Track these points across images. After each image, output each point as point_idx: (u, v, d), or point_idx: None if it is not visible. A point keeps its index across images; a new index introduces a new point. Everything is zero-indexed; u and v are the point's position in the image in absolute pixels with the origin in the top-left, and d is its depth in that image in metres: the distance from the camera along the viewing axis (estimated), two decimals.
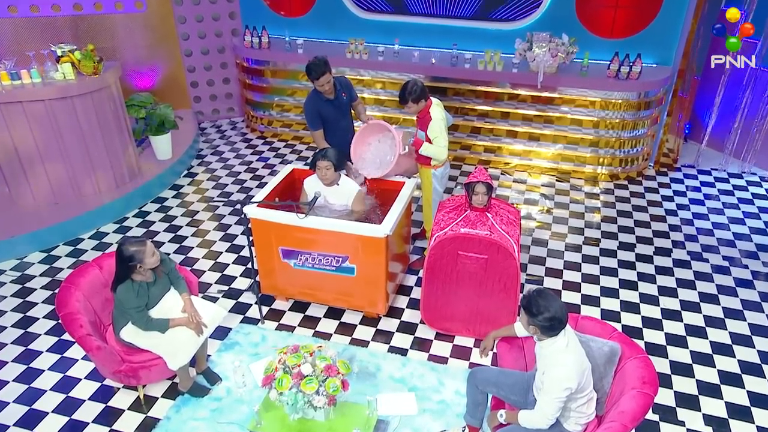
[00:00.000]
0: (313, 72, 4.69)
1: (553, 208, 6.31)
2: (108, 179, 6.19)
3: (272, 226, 4.51)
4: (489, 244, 4.05)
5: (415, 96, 4.53)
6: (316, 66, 4.66)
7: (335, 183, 4.56)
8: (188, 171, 7.24)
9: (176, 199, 6.60)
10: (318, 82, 4.73)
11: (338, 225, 4.32)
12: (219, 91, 8.55)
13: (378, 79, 7.26)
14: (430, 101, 4.66)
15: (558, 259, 5.47)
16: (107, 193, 6.19)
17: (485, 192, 4.19)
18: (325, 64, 4.69)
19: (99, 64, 5.69)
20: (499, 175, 7.00)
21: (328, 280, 4.62)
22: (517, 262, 4.05)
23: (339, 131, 4.98)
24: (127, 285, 3.60)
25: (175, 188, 6.84)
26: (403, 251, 5.15)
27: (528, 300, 2.98)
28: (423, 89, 4.53)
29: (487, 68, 6.73)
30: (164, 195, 6.68)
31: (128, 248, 3.56)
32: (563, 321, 2.94)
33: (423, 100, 4.57)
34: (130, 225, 6.08)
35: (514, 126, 6.98)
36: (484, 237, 4.04)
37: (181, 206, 6.46)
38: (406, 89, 4.53)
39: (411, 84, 4.52)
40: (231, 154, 7.69)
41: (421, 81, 4.57)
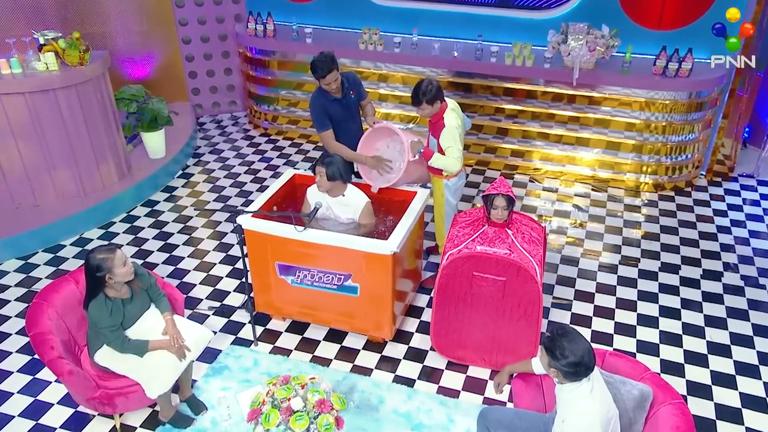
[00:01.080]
0: (318, 69, 4.68)
1: (587, 222, 6.23)
2: (94, 180, 6.25)
3: (268, 239, 4.51)
4: (508, 265, 4.00)
5: (429, 97, 4.50)
6: (322, 63, 4.66)
7: (341, 194, 4.55)
8: (183, 171, 7.30)
9: (168, 203, 6.64)
10: (324, 80, 4.73)
11: (340, 240, 4.30)
12: (220, 83, 8.61)
13: (394, 72, 7.24)
14: (445, 104, 4.63)
15: (590, 280, 5.39)
16: (92, 196, 6.25)
17: (505, 206, 4.14)
18: (332, 61, 4.68)
19: (85, 54, 5.75)
20: (527, 182, 6.94)
21: (329, 300, 4.61)
22: (539, 287, 3.99)
23: (348, 134, 4.97)
24: (99, 301, 3.62)
25: (168, 190, 6.89)
26: (415, 267, 5.12)
27: (551, 340, 2.92)
28: (439, 90, 4.50)
29: (516, 63, 6.67)
30: (155, 198, 6.74)
31: (95, 256, 3.56)
32: (590, 367, 2.89)
33: (438, 101, 4.54)
34: (117, 231, 6.14)
35: (546, 128, 6.90)
36: (502, 257, 3.99)
37: (173, 210, 6.51)
38: (420, 89, 4.51)
39: (426, 83, 4.50)
40: (231, 153, 7.73)
41: (437, 81, 4.53)
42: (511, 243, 4.12)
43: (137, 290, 3.81)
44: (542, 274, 4.17)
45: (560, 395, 3.02)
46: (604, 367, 3.55)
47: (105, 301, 3.64)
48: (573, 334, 2.90)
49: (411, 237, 4.68)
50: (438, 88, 4.51)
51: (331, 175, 4.42)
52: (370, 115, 5.03)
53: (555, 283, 5.34)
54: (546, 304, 5.07)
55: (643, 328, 4.87)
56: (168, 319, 3.83)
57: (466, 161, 7.25)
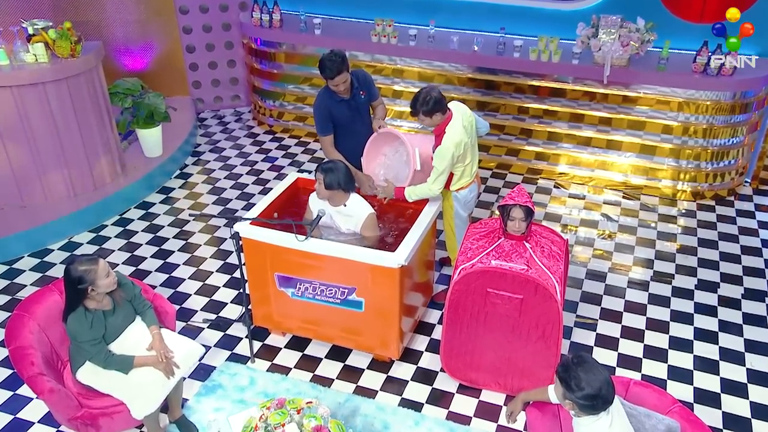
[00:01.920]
0: (327, 70, 4.70)
1: (617, 233, 6.19)
2: (85, 180, 6.33)
3: (267, 248, 4.53)
4: (525, 282, 3.98)
5: (427, 108, 4.48)
6: (332, 63, 4.67)
7: (342, 203, 4.56)
8: (181, 171, 7.35)
9: (164, 205, 6.70)
10: (333, 81, 4.75)
11: (344, 251, 4.32)
12: (222, 76, 8.67)
13: (409, 67, 7.25)
14: (449, 115, 4.60)
15: (618, 298, 5.35)
16: (83, 197, 6.32)
17: (523, 218, 4.12)
18: (343, 61, 4.70)
19: (77, 45, 5.82)
20: (552, 188, 6.91)
21: (332, 315, 4.62)
22: (558, 305, 3.97)
23: (354, 136, 4.99)
24: (78, 314, 3.65)
25: (164, 191, 6.95)
26: (426, 280, 5.12)
27: (566, 370, 2.91)
28: (438, 101, 4.47)
29: (542, 58, 6.65)
30: (151, 199, 6.80)
31: (76, 268, 3.60)
32: (608, 401, 2.87)
33: (439, 113, 4.52)
34: (108, 234, 6.20)
35: (574, 129, 6.88)
36: (519, 273, 3.97)
37: (169, 213, 6.56)
38: (418, 99, 4.50)
39: (424, 93, 4.48)
40: (233, 152, 7.78)
41: (438, 90, 4.51)
42: (529, 257, 4.10)
43: (120, 301, 3.84)
44: (563, 292, 4.15)
45: (577, 429, 3.01)
46: (627, 397, 3.52)
47: (85, 313, 3.68)
48: (590, 364, 2.88)
49: (421, 248, 4.68)
50: (437, 99, 4.47)
51: (328, 183, 4.43)
52: (379, 117, 5.04)
53: (579, 300, 5.31)
54: (568, 323, 5.04)
55: (675, 353, 4.82)
56: (155, 333, 3.86)
57: (485, 164, 7.25)
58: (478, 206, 6.54)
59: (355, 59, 7.42)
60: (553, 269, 4.09)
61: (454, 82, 7.16)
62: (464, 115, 4.68)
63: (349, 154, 4.96)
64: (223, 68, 8.62)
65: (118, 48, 7.91)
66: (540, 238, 4.30)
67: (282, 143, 7.96)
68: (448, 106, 4.62)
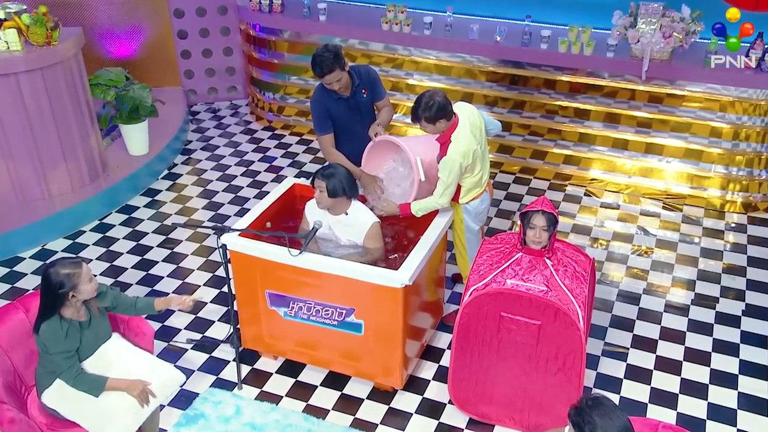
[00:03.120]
0: (317, 67, 4.73)
1: (654, 249, 6.15)
2: (61, 181, 6.39)
3: (257, 263, 4.56)
4: (544, 306, 3.98)
5: (430, 115, 4.47)
6: (323, 59, 4.70)
7: (343, 211, 4.57)
8: (169, 171, 7.41)
9: (149, 209, 6.76)
10: (324, 80, 4.77)
11: (342, 267, 4.33)
12: (218, 65, 8.73)
13: (424, 59, 7.25)
14: (454, 121, 4.59)
15: (653, 323, 5.33)
16: (59, 199, 6.39)
17: (545, 226, 4.13)
18: (336, 58, 4.72)
19: (53, 32, 5.89)
20: (582, 196, 6.89)
21: (329, 338, 4.64)
22: (581, 333, 3.96)
23: (352, 139, 5.01)
24: (53, 322, 3.71)
25: (150, 194, 7.01)
26: (436, 299, 5.13)
27: (579, 413, 2.90)
28: (443, 106, 4.46)
29: (572, 50, 6.63)
30: (134, 203, 6.85)
31: (58, 271, 3.66)
32: None
33: (443, 120, 4.51)
34: (86, 242, 6.26)
35: (608, 130, 6.86)
36: (537, 296, 3.97)
37: (154, 219, 6.62)
38: (420, 104, 4.50)
39: (427, 98, 4.47)
40: (227, 150, 7.83)
41: (443, 94, 4.51)
42: (549, 276, 4.09)
43: (96, 313, 3.90)
44: (587, 319, 4.14)
45: None
46: None
47: (60, 322, 3.73)
48: (607, 407, 2.87)
49: (430, 264, 4.68)
50: (441, 105, 4.46)
51: (333, 190, 4.45)
52: (380, 123, 5.02)
53: (608, 326, 5.29)
54: (595, 351, 5.02)
55: (718, 389, 4.78)
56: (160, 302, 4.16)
57: (508, 168, 7.25)
58: (497, 215, 6.55)
59: (363, 50, 7.45)
60: (576, 292, 4.08)
61: (473, 76, 7.16)
62: (472, 118, 4.67)
63: (347, 158, 4.98)
64: (219, 56, 8.68)
65: (101, 33, 7.99)
66: (563, 257, 4.29)
67: (282, 141, 8.00)
68: (453, 111, 4.61)
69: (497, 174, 7.21)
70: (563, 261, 4.24)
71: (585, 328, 4.04)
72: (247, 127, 8.34)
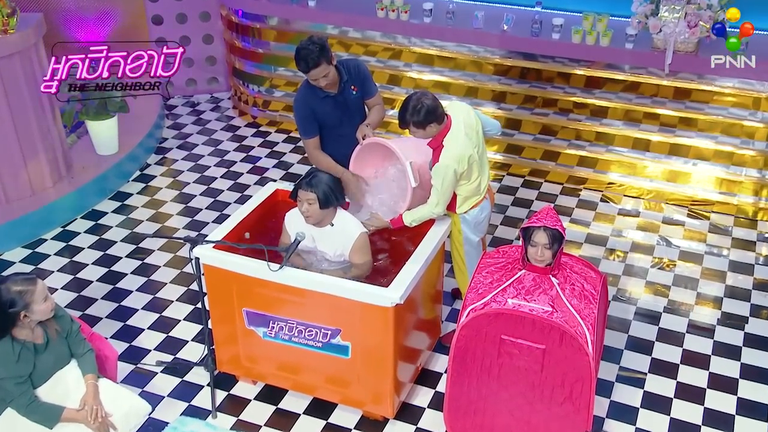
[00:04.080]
0: (301, 61, 4.75)
1: (677, 261, 6.17)
2: (19, 183, 6.42)
3: (234, 279, 4.58)
4: (548, 329, 3.99)
5: (419, 119, 4.48)
6: (307, 53, 4.71)
7: (329, 222, 4.60)
8: (141, 172, 7.44)
9: (118, 215, 6.78)
10: (310, 75, 4.79)
11: (326, 284, 4.35)
12: (197, 54, 8.77)
13: (424, 50, 7.27)
14: (447, 124, 4.60)
15: (674, 346, 5.33)
16: (17, 204, 6.41)
17: (548, 244, 4.14)
18: (321, 52, 4.72)
19: (10, 19, 5.91)
20: (598, 201, 6.91)
21: (313, 361, 4.65)
22: (590, 359, 3.97)
23: (340, 141, 5.02)
24: (4, 344, 3.73)
25: (119, 198, 7.03)
26: (432, 317, 5.15)
27: None
28: (432, 110, 4.46)
29: (587, 41, 6.65)
30: (102, 208, 6.88)
31: (9, 288, 3.69)
32: None
33: (433, 123, 4.52)
34: (47, 251, 6.29)
35: (628, 129, 6.88)
36: (541, 317, 3.98)
37: (124, 226, 6.64)
38: (407, 108, 4.49)
39: (414, 100, 4.47)
40: (206, 149, 7.85)
41: (432, 96, 4.52)
42: (555, 296, 4.11)
43: (54, 335, 3.92)
44: (598, 341, 4.15)
45: None
46: None
47: (12, 344, 3.75)
48: None
49: (426, 279, 4.70)
50: (431, 108, 4.46)
51: (325, 199, 4.45)
52: (369, 123, 5.02)
53: (624, 348, 5.30)
54: (608, 376, 5.04)
55: (746, 420, 4.77)
56: (91, 384, 3.92)
57: (516, 170, 7.27)
58: (503, 223, 6.57)
59: (357, 39, 7.47)
60: (585, 313, 4.09)
61: (478, 69, 7.19)
62: (467, 119, 4.68)
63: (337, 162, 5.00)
64: (198, 45, 8.72)
65: (67, 18, 8.00)
66: (570, 273, 4.30)
67: (267, 139, 8.03)
68: (445, 112, 4.62)
69: (504, 177, 7.24)
70: (571, 279, 4.25)
71: (595, 352, 4.05)
72: (228, 123, 8.37)
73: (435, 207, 4.65)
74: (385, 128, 7.46)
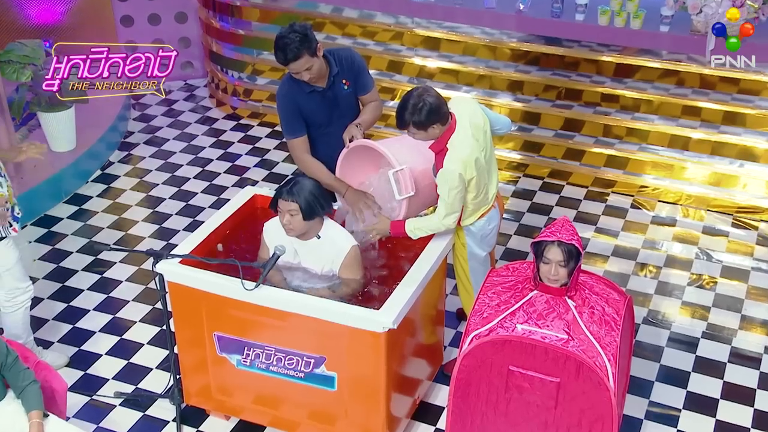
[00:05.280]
0: (279, 52, 4.72)
1: (719, 278, 6.17)
2: None
3: (203, 298, 4.58)
4: (563, 359, 3.99)
5: (419, 119, 4.43)
6: (287, 43, 4.66)
7: (314, 235, 4.61)
8: (102, 172, 7.47)
9: (75, 222, 6.80)
10: (290, 68, 4.79)
11: (309, 305, 4.34)
12: (168, 34, 8.78)
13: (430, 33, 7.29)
14: (452, 124, 4.59)
15: (714, 378, 5.32)
16: None
17: (562, 261, 4.13)
18: (303, 41, 4.68)
19: None
20: (628, 208, 6.92)
21: (294, 393, 4.65)
22: (611, 394, 3.97)
23: (329, 142, 5.02)
24: None
25: (77, 201, 7.06)
26: (434, 342, 5.16)
27: None
28: (435, 108, 4.42)
29: (616, 23, 6.65)
30: (56, 213, 6.91)
31: None
32: None
33: (436, 124, 4.48)
34: None
35: (662, 124, 6.89)
36: (555, 346, 3.98)
37: (80, 234, 6.66)
38: (406, 107, 4.44)
39: (415, 98, 4.42)
40: (178, 145, 7.88)
41: (435, 92, 4.49)
42: (571, 321, 4.10)
43: None
44: (623, 372, 4.14)
45: None
46: None
47: None
48: None
49: (425, 299, 4.71)
50: (434, 106, 4.42)
51: (309, 210, 4.45)
52: (359, 122, 5.01)
53: (655, 380, 5.30)
54: (637, 413, 5.04)
55: None
56: (34, 423, 3.93)
57: (534, 171, 7.30)
58: (516, 233, 6.59)
59: (353, 20, 7.49)
60: (605, 341, 4.08)
61: (491, 55, 7.21)
62: (473, 119, 4.67)
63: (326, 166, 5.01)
64: (169, 24, 8.76)
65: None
66: (590, 294, 4.29)
67: (248, 133, 8.06)
68: (449, 111, 4.59)
69: (520, 179, 7.25)
70: (590, 301, 4.24)
71: (617, 386, 4.04)
72: (204, 115, 8.39)
73: (443, 219, 4.62)
74: (384, 122, 7.45)
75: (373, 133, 6.71)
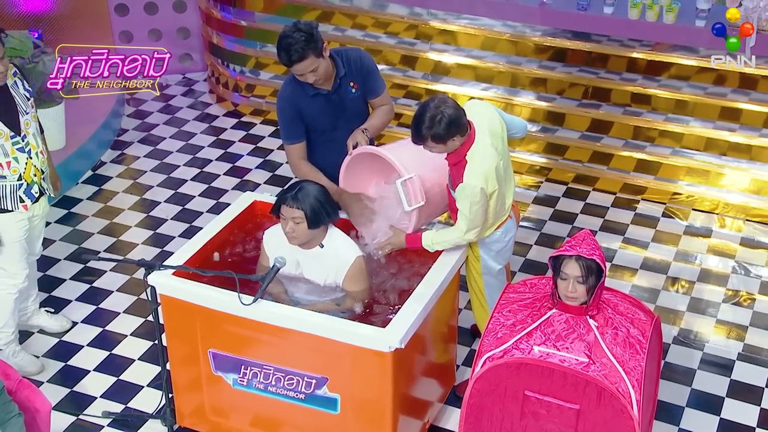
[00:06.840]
0: (283, 53, 4.73)
1: (757, 295, 6.15)
2: None
3: (197, 313, 4.60)
4: (584, 385, 3.98)
5: (439, 132, 4.39)
6: (291, 43, 4.68)
7: (318, 244, 4.63)
8: (94, 173, 7.50)
9: (63, 227, 6.83)
10: (294, 69, 4.81)
11: (310, 322, 4.36)
12: (166, 25, 8.83)
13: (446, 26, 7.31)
14: (471, 134, 4.58)
15: (751, 404, 5.30)
16: None
17: (581, 277, 4.11)
18: (308, 41, 4.69)
19: None
20: (659, 217, 6.91)
21: (294, 416, 4.67)
22: (635, 423, 3.96)
23: (332, 148, 5.05)
24: None
25: (65, 204, 7.09)
26: (445, 361, 5.17)
27: None
28: (454, 120, 4.38)
29: (647, 17, 6.64)
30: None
31: None
32: None
33: (456, 137, 4.47)
34: None
35: (697, 126, 6.89)
36: (574, 369, 3.98)
37: (69, 240, 6.69)
38: (423, 120, 4.39)
39: (432, 109, 4.38)
40: (175, 144, 7.91)
41: (453, 102, 4.46)
42: (592, 343, 4.09)
43: None
44: (650, 398, 4.13)
45: None
46: None
47: None
48: None
49: (435, 315, 4.72)
50: (453, 118, 4.39)
51: (314, 218, 4.46)
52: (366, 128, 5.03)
53: (686, 405, 5.29)
54: None
55: None
56: None
57: (557, 176, 7.32)
58: (537, 243, 6.59)
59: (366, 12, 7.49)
60: (630, 365, 4.07)
61: (512, 50, 7.21)
62: (491, 126, 4.65)
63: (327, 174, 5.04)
64: (168, 14, 8.78)
65: None
66: (613, 314, 4.28)
67: (250, 132, 8.07)
68: (468, 121, 4.56)
69: (542, 184, 7.26)
70: (613, 321, 4.23)
71: (642, 414, 4.03)
72: (204, 112, 8.42)
73: (465, 234, 4.62)
74: (396, 120, 7.44)
75: (385, 133, 6.71)
